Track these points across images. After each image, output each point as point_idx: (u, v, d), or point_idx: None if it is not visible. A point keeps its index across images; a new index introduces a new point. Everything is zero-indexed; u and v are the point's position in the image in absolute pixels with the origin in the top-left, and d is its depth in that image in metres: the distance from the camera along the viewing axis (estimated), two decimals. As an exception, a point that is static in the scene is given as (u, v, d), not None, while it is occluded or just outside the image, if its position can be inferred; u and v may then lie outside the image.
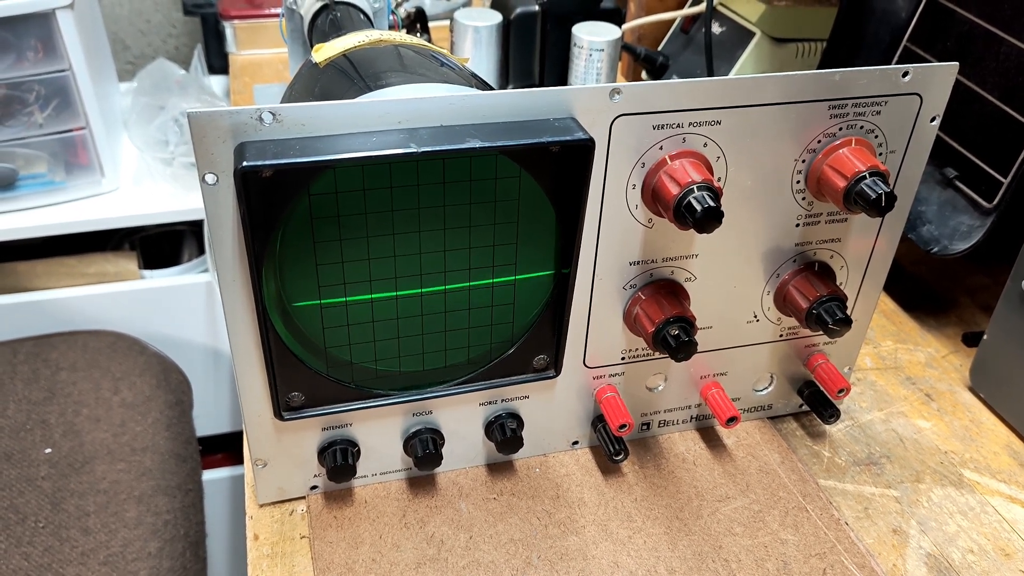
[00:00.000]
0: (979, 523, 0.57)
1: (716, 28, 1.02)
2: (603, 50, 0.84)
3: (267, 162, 0.41)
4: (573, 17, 0.86)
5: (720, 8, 1.03)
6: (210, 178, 0.43)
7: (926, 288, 0.81)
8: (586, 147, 0.45)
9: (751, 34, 0.98)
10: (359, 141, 0.43)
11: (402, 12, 1.15)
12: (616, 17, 0.89)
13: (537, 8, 0.88)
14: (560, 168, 0.47)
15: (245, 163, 0.41)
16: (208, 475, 1.23)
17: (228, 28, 1.24)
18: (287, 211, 0.44)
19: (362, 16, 0.81)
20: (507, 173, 0.47)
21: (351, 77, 0.56)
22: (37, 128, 1.05)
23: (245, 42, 1.24)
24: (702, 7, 1.03)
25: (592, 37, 0.83)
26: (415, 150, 0.42)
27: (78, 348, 1.06)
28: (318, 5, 0.81)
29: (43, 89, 1.04)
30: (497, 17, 0.87)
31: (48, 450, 0.94)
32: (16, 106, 1.04)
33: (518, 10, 0.88)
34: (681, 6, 1.11)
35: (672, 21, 1.10)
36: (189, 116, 0.41)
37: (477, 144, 0.43)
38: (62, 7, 0.99)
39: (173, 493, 0.91)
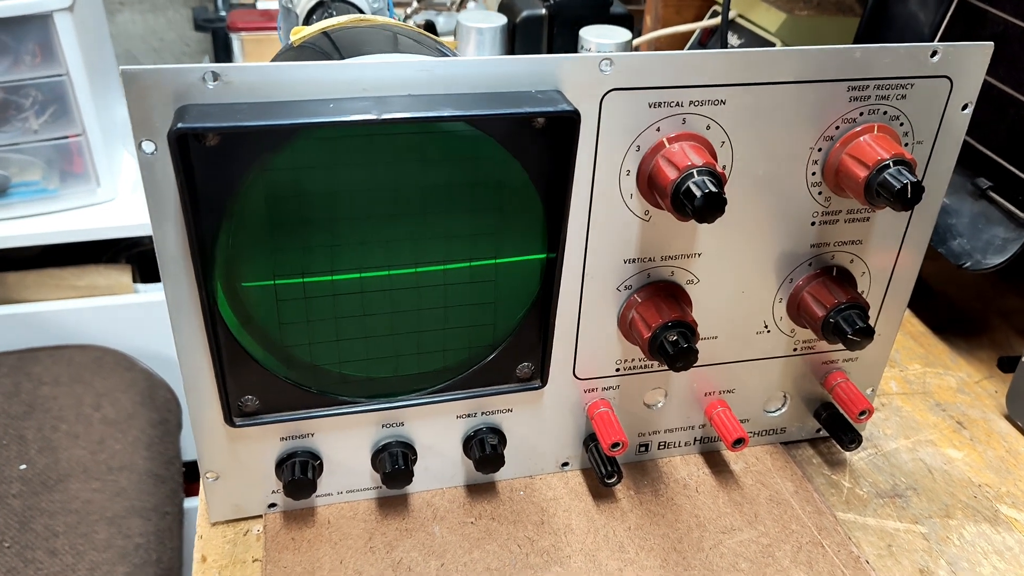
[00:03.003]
0: (1018, 565, 0.51)
1: (735, 40, 0.98)
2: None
3: (200, 124, 0.36)
4: (581, 21, 0.82)
5: (739, 20, 0.99)
6: (147, 146, 0.38)
7: (956, 309, 0.75)
8: (570, 120, 0.41)
9: (771, 45, 0.93)
10: (314, 107, 0.38)
11: (411, 24, 1.12)
12: (627, 22, 0.85)
13: (544, 12, 0.84)
14: (544, 147, 0.42)
15: (180, 125, 0.36)
16: (196, 501, 1.18)
17: (235, 41, 1.21)
18: (237, 188, 0.40)
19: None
20: (486, 153, 0.42)
21: (326, 52, 0.51)
22: (32, 134, 1.03)
23: (252, 55, 1.22)
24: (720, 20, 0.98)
25: (600, 40, 0.78)
26: (374, 117, 0.38)
27: (63, 362, 1.02)
28: (313, 2, 0.77)
29: (40, 94, 1.02)
30: (502, 20, 0.83)
31: (23, 466, 0.89)
32: (11, 111, 1.02)
33: (524, 13, 0.84)
34: (699, 19, 1.07)
35: (690, 34, 1.06)
36: (123, 73, 0.37)
37: (446, 112, 0.39)
38: (60, 9, 0.97)
39: (148, 516, 0.86)
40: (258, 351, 0.45)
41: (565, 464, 0.55)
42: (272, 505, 0.51)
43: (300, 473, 0.48)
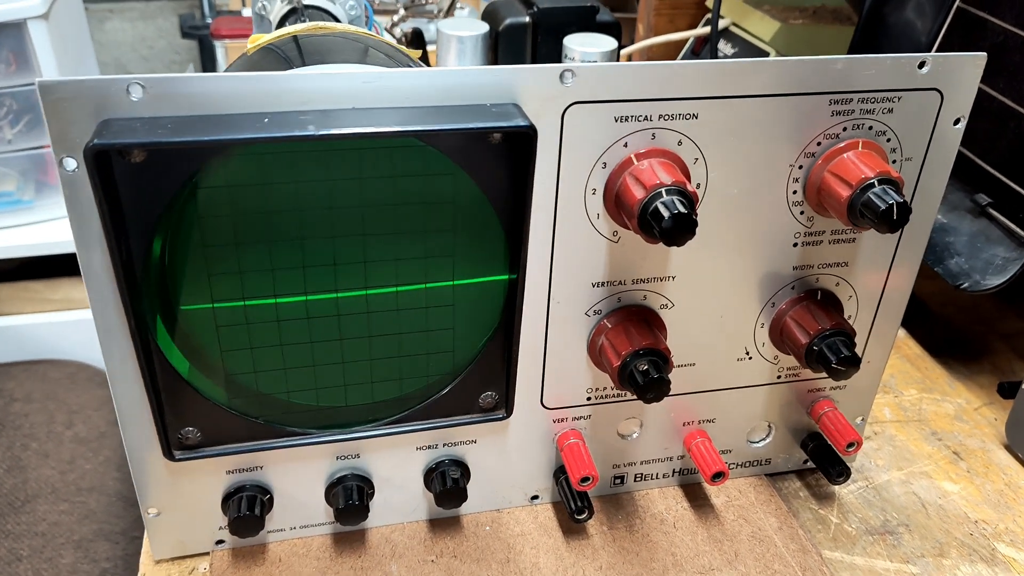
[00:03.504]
0: (1016, 610, 0.48)
1: (728, 49, 0.95)
2: (596, 62, 0.77)
3: (117, 140, 0.33)
4: (565, 29, 0.79)
5: (733, 29, 0.96)
6: (68, 163, 0.36)
7: (956, 332, 0.72)
8: (525, 136, 0.38)
9: (765, 54, 0.90)
10: (248, 121, 0.35)
11: (398, 32, 1.09)
12: (614, 30, 0.82)
13: (528, 19, 0.81)
14: (500, 164, 0.39)
15: (96, 141, 0.33)
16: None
17: (219, 48, 1.19)
18: (166, 207, 0.37)
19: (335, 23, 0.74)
20: (438, 170, 0.39)
21: (288, 59, 0.49)
22: (6, 144, 1.00)
23: (236, 63, 1.19)
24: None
25: (585, 48, 0.75)
26: (312, 133, 0.35)
27: (36, 378, 0.99)
28: (286, 8, 0.75)
29: (14, 103, 0.99)
30: (483, 27, 0.80)
31: (-10, 487, 0.86)
32: (-15, 121, 0.99)
33: (507, 21, 0.81)
34: (692, 27, 1.04)
35: (683, 43, 1.03)
36: (39, 85, 0.34)
37: (391, 128, 0.36)
38: (34, 17, 0.94)
39: (116, 539, 0.83)
40: (199, 379, 0.42)
41: (535, 497, 0.52)
42: (220, 542, 0.48)
43: (247, 510, 0.45)
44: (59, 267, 1.14)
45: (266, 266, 0.40)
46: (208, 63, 1.36)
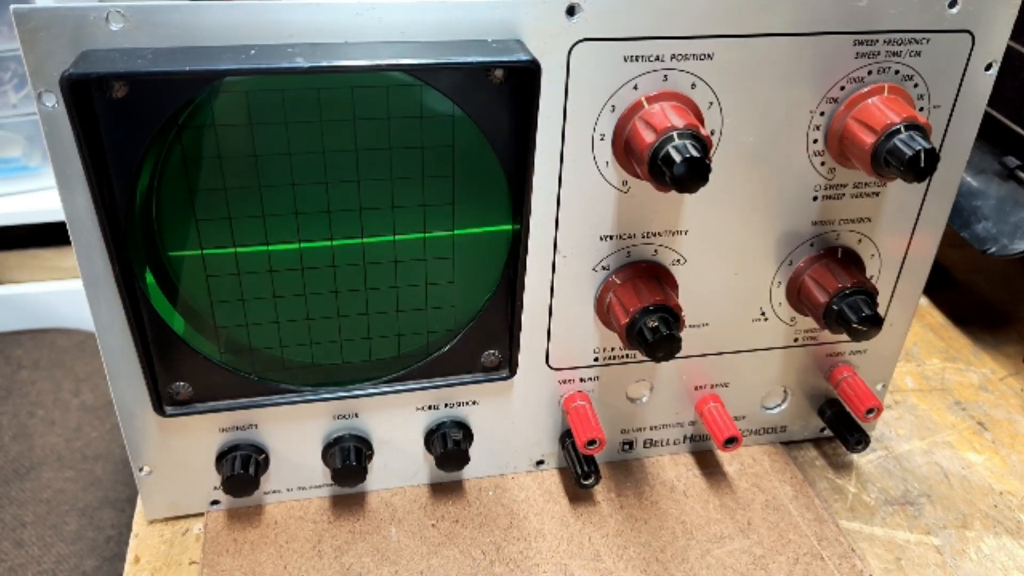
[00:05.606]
0: (1043, 584, 0.45)
1: None
2: None
3: (95, 71, 0.31)
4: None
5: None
6: (48, 98, 0.34)
7: (981, 299, 0.69)
8: (528, 72, 0.35)
9: None
10: (232, 54, 0.33)
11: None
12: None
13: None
14: (502, 104, 0.37)
15: (71, 71, 0.31)
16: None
17: None
18: (149, 147, 0.35)
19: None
20: (436, 110, 0.37)
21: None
22: (11, 108, 0.99)
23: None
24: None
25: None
26: (301, 65, 0.33)
27: (44, 346, 0.99)
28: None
29: (19, 66, 0.98)
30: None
31: (-5, 454, 0.86)
32: (-9, 85, 0.98)
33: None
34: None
35: None
36: (14, 12, 0.32)
37: (385, 61, 0.34)
38: (40, -21, 0.93)
39: (122, 507, 0.82)
40: (190, 333, 0.41)
41: (540, 462, 0.50)
42: (215, 502, 0.47)
43: (241, 469, 0.44)
44: (67, 235, 1.13)
45: (256, 212, 0.38)
46: None
